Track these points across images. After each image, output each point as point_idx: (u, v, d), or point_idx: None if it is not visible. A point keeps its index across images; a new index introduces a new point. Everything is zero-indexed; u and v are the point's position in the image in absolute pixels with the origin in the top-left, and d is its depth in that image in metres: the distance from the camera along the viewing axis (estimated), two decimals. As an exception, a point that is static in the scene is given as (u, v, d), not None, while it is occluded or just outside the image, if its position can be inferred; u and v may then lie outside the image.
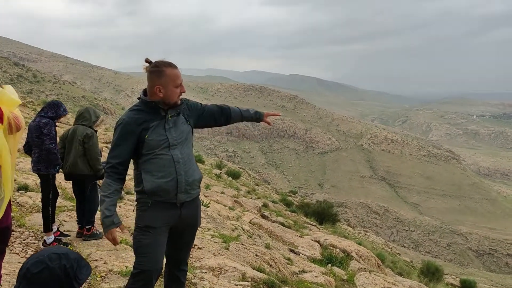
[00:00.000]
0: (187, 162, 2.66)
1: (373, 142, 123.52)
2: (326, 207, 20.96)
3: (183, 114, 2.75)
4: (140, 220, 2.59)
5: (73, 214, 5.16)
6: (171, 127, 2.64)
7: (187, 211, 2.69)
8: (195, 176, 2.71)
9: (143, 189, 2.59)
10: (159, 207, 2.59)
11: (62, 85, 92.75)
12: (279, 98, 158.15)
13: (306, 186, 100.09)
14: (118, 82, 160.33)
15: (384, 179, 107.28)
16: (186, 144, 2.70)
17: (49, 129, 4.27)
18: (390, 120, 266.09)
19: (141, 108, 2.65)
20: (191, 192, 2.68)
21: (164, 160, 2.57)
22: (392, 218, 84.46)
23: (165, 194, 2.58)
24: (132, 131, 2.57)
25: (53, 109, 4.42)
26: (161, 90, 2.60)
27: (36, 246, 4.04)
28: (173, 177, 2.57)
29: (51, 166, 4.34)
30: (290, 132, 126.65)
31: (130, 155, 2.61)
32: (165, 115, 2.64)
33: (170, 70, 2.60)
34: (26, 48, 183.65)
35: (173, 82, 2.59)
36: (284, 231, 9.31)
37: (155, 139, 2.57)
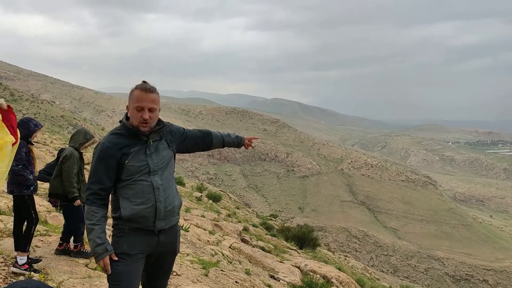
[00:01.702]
0: (167, 189, 2.58)
1: (354, 166, 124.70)
2: (307, 231, 20.92)
3: (165, 139, 2.67)
4: (116, 247, 2.49)
5: (46, 239, 4.97)
6: (152, 153, 2.56)
7: (165, 238, 2.60)
8: (175, 203, 2.63)
9: (120, 216, 2.50)
10: (136, 234, 2.51)
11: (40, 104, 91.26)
12: (261, 121, 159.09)
13: (286, 210, 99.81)
14: (99, 102, 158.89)
15: (363, 203, 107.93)
16: (167, 170, 2.62)
17: (18, 150, 4.12)
18: (370, 145, 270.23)
19: (122, 132, 2.57)
20: (169, 219, 2.60)
21: (143, 186, 2.49)
22: (371, 243, 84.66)
23: (144, 221, 2.49)
24: (112, 155, 2.48)
25: (23, 127, 4.28)
26: (128, 111, 2.57)
27: (6, 273, 3.84)
28: (151, 204, 2.49)
29: (24, 187, 4.25)
30: (272, 155, 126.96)
31: (111, 181, 2.52)
32: (146, 140, 2.56)
33: (136, 92, 2.50)
34: (4, 66, 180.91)
35: (134, 104, 2.49)
36: (264, 256, 9.18)
37: (135, 164, 2.50)
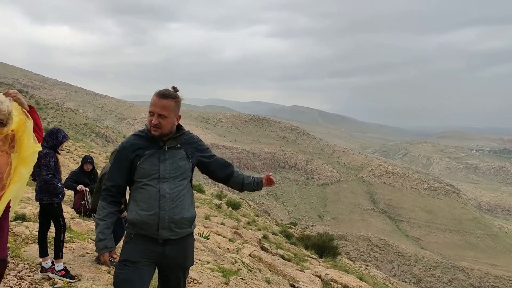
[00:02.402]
0: (176, 199, 2.52)
1: (374, 174, 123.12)
2: (327, 240, 20.69)
3: (186, 149, 2.63)
4: (121, 253, 2.51)
5: (70, 246, 5.05)
6: (166, 159, 2.54)
7: (171, 250, 2.54)
8: (184, 214, 2.55)
9: (128, 218, 2.55)
10: (141, 241, 2.49)
11: (65, 112, 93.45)
12: (280, 129, 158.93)
13: (306, 218, 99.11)
14: (121, 110, 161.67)
15: (385, 212, 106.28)
16: (181, 180, 2.57)
17: (48, 160, 4.29)
18: (390, 152, 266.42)
19: (142, 134, 2.60)
20: (176, 230, 2.52)
21: (150, 192, 2.47)
22: (393, 252, 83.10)
23: (147, 228, 2.48)
24: (126, 156, 2.53)
25: (52, 137, 4.41)
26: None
27: (31, 279, 3.90)
28: (155, 211, 2.46)
29: (53, 195, 4.34)
30: (291, 163, 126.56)
31: (123, 179, 2.55)
32: (162, 145, 2.56)
33: (153, 97, 2.53)
34: (31, 75, 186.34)
35: (149, 108, 2.53)
36: (284, 265, 9.11)
37: (146, 167, 2.50)
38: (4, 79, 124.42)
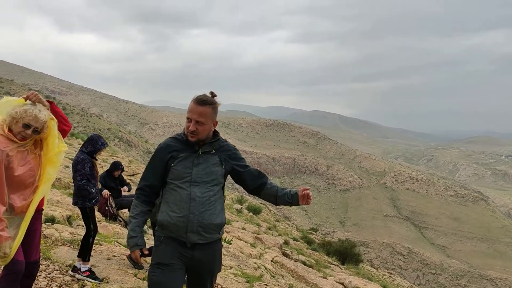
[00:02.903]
0: (206, 204, 2.53)
1: (397, 180, 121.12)
2: (349, 246, 20.43)
3: (220, 155, 2.65)
4: (153, 256, 2.56)
5: (97, 248, 5.15)
6: (199, 163, 2.57)
7: (200, 254, 2.56)
8: (213, 220, 2.55)
9: (157, 219, 2.58)
10: (171, 243, 2.53)
11: (89, 118, 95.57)
12: (301, 134, 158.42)
13: (327, 224, 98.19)
14: (143, 115, 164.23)
15: (408, 218, 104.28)
16: (211, 186, 2.58)
17: (83, 165, 4.44)
18: (414, 158, 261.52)
19: (179, 137, 2.65)
20: (204, 235, 2.53)
21: (181, 194, 2.51)
22: (418, 260, 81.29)
23: (175, 230, 2.51)
24: (161, 157, 2.60)
25: (91, 143, 4.57)
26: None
27: (62, 281, 4.00)
28: (184, 214, 2.48)
29: (87, 200, 4.46)
30: (312, 168, 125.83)
31: (157, 180, 2.61)
32: (197, 149, 2.59)
33: (190, 103, 2.56)
34: (58, 82, 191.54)
35: (186, 114, 2.56)
36: (307, 271, 9.04)
37: (179, 170, 2.54)
38: (33, 85, 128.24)
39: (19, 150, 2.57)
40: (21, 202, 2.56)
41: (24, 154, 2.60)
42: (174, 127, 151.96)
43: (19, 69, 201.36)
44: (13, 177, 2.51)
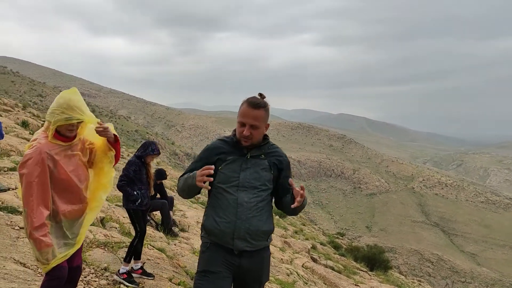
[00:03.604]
0: (253, 209, 2.42)
1: (426, 185, 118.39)
2: (377, 252, 20.11)
3: (269, 160, 2.53)
4: (200, 264, 2.48)
5: (132, 251, 5.13)
6: (248, 168, 2.47)
7: (248, 262, 2.45)
8: (261, 227, 2.44)
9: (203, 224, 2.52)
10: (217, 250, 2.44)
11: (118, 120, 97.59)
12: (327, 137, 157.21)
13: (353, 228, 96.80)
14: (170, 117, 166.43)
15: (437, 225, 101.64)
16: (259, 191, 2.46)
17: (128, 168, 4.52)
18: (443, 163, 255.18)
19: (228, 139, 2.57)
20: (252, 242, 2.43)
21: (228, 199, 2.42)
22: (447, 268, 79.11)
23: (222, 236, 2.42)
24: (208, 157, 2.53)
25: (143, 148, 4.64)
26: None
27: (98, 284, 3.97)
28: (231, 220, 2.39)
29: (129, 202, 4.50)
30: (338, 171, 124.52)
31: None
32: (246, 153, 2.50)
33: (243, 106, 2.46)
34: (87, 84, 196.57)
35: (238, 118, 2.46)
36: (338, 278, 8.83)
37: (226, 173, 2.46)
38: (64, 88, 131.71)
39: (66, 154, 2.54)
40: (67, 206, 2.52)
41: (71, 159, 2.57)
42: (200, 129, 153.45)
43: (51, 72, 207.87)
44: (58, 181, 2.47)
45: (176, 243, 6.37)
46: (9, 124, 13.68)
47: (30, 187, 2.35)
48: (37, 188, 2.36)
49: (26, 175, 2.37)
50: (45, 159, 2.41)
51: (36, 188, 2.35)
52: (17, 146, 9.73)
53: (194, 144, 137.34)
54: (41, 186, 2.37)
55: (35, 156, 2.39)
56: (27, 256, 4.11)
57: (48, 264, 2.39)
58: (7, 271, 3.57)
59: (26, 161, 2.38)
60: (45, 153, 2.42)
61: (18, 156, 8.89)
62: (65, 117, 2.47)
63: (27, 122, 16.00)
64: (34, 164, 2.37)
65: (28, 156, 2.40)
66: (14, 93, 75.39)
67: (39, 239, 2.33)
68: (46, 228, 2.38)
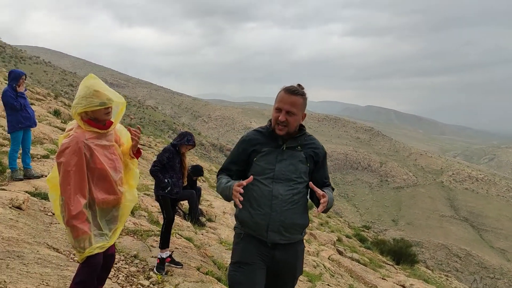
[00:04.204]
0: (289, 202, 2.37)
1: (455, 179, 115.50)
2: (404, 246, 19.80)
3: (306, 152, 2.47)
4: (233, 255, 2.46)
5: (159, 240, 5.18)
6: (283, 159, 2.42)
7: (282, 255, 2.42)
8: (296, 220, 2.40)
9: (237, 215, 2.49)
10: (251, 242, 2.41)
11: (145, 110, 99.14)
12: (354, 129, 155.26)
13: (379, 222, 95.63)
14: (196, 108, 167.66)
15: (466, 219, 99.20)
16: (295, 184, 2.41)
17: (162, 154, 4.57)
18: (474, 157, 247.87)
19: (263, 130, 2.53)
20: (286, 235, 2.38)
21: (263, 190, 2.37)
22: (475, 263, 77.29)
23: (256, 228, 2.39)
24: (244, 149, 2.51)
25: (179, 137, 4.68)
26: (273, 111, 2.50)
27: (128, 271, 4.02)
28: (266, 212, 2.35)
29: (159, 188, 4.54)
30: (364, 164, 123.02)
31: (237, 171, 2.55)
32: (281, 144, 2.45)
33: (280, 93, 2.42)
34: (117, 74, 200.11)
35: (275, 104, 2.41)
36: (365, 271, 8.72)
37: (261, 165, 2.42)
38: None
39: (102, 143, 2.56)
40: (103, 195, 2.53)
41: (108, 149, 2.60)
42: (226, 120, 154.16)
43: (81, 62, 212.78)
44: (94, 170, 2.49)
45: (203, 233, 6.41)
46: (42, 113, 14.06)
47: (68, 175, 2.37)
48: (74, 176, 2.38)
49: (63, 164, 2.39)
50: (82, 148, 2.43)
51: (73, 177, 2.38)
52: (49, 134, 9.98)
53: (220, 135, 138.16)
54: (78, 175, 2.40)
55: (72, 145, 2.41)
56: (60, 242, 4.21)
57: (83, 252, 2.41)
58: (40, 256, 3.66)
59: (64, 150, 2.41)
60: (82, 142, 2.44)
61: (51, 144, 9.12)
62: (98, 102, 2.48)
63: (59, 111, 16.41)
64: (71, 153, 2.40)
65: (66, 145, 2.42)
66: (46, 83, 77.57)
67: (76, 227, 2.36)
68: (84, 216, 2.40)
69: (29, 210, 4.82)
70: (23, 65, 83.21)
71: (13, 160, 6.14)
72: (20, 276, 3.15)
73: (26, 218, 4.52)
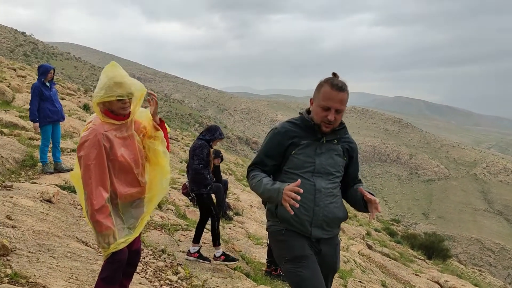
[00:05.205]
0: (331, 196, 2.30)
1: (489, 172, 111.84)
2: (436, 240, 19.42)
3: (343, 145, 2.40)
4: (286, 251, 2.29)
5: (188, 234, 5.14)
6: (322, 153, 2.32)
7: (326, 249, 2.34)
8: (338, 214, 2.33)
9: (275, 212, 2.32)
10: (297, 236, 2.28)
11: (172, 103, 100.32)
12: (382, 120, 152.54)
13: (409, 215, 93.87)
14: (222, 101, 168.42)
15: (501, 213, 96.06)
16: (334, 177, 2.34)
17: (201, 150, 4.49)
18: (510, 148, 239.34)
19: (298, 122, 2.39)
20: (327, 230, 2.32)
21: (305, 184, 2.23)
22: (510, 258, 74.95)
23: (299, 225, 2.27)
24: (280, 142, 2.35)
25: (210, 132, 4.63)
26: (312, 104, 2.36)
27: (156, 266, 4.00)
28: (309, 206, 2.24)
29: (202, 186, 4.49)
30: (393, 156, 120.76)
31: (271, 162, 2.38)
32: (320, 137, 2.33)
33: (326, 88, 2.25)
34: (144, 69, 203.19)
35: (320, 101, 2.26)
36: (397, 267, 8.49)
37: (300, 158, 2.30)
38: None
39: (121, 134, 2.48)
40: (125, 188, 2.46)
41: (127, 140, 2.52)
42: (252, 113, 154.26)
43: (109, 57, 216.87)
44: (115, 161, 2.43)
45: (231, 227, 6.36)
46: (72, 107, 14.36)
47: (88, 169, 2.32)
48: (95, 170, 2.32)
49: (83, 158, 2.34)
50: (100, 140, 2.36)
51: (94, 170, 2.32)
52: (79, 128, 10.17)
53: (246, 128, 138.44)
54: (99, 168, 2.34)
55: (91, 138, 2.35)
56: (89, 235, 4.22)
57: (109, 247, 2.35)
58: (70, 249, 3.67)
59: (83, 144, 2.35)
60: (101, 134, 2.37)
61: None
62: (117, 94, 2.39)
63: (88, 106, 16.73)
64: (90, 146, 2.33)
65: (84, 138, 2.36)
66: (76, 78, 79.62)
67: (100, 222, 2.30)
68: (107, 211, 2.34)
69: (59, 203, 4.86)
70: (54, 61, 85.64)
71: (44, 154, 6.25)
72: (50, 270, 3.15)
73: (56, 212, 4.56)
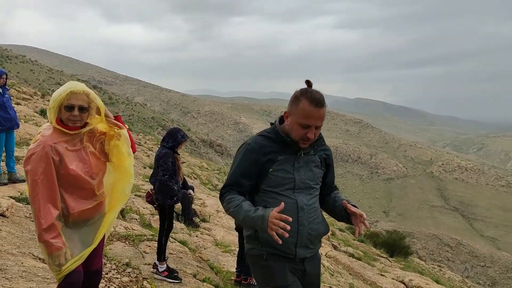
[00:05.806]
0: (313, 212, 2.18)
1: (445, 169, 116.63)
2: (397, 238, 19.94)
3: (320, 155, 2.26)
4: (269, 281, 2.13)
5: (153, 245, 4.95)
6: (301, 166, 2.17)
7: (310, 268, 2.23)
8: (321, 230, 2.23)
9: (256, 235, 2.14)
10: (279, 260, 2.13)
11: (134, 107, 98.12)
12: (343, 122, 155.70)
13: (370, 213, 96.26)
14: (185, 104, 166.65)
15: (457, 209, 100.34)
16: (314, 191, 2.22)
17: (165, 160, 4.24)
18: (463, 147, 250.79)
19: (271, 135, 2.21)
20: (311, 248, 2.20)
21: (287, 204, 2.00)
22: (466, 252, 78.18)
23: (282, 247, 2.09)
24: (256, 160, 2.15)
25: (172, 137, 4.35)
26: (287, 118, 2.18)
27: (120, 282, 3.79)
28: (294, 227, 2.05)
29: (168, 197, 4.27)
30: (354, 156, 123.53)
31: (249, 186, 2.18)
32: (297, 150, 2.17)
33: (304, 104, 2.05)
34: (104, 72, 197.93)
35: (299, 119, 2.08)
36: (363, 267, 8.62)
37: (279, 175, 2.13)
38: (81, 76, 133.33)
39: (73, 146, 2.27)
40: (79, 204, 2.26)
41: (80, 151, 2.30)
42: (216, 116, 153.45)
43: (68, 60, 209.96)
44: (66, 176, 2.21)
45: (198, 235, 6.21)
46: (28, 113, 13.70)
47: (36, 185, 2.11)
48: (43, 186, 2.11)
49: (30, 172, 2.13)
50: (49, 153, 2.16)
51: (42, 186, 2.11)
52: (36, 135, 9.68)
53: (210, 131, 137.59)
54: (47, 184, 2.13)
55: (38, 151, 2.15)
56: (47, 251, 3.97)
57: (60, 270, 2.14)
58: (25, 268, 3.42)
59: (30, 157, 2.15)
60: (49, 147, 2.17)
61: (37, 146, 8.81)
62: (65, 106, 2.22)
63: (46, 111, 16.04)
64: (37, 159, 2.13)
65: (31, 151, 2.16)
66: (33, 82, 76.28)
67: (49, 242, 2.09)
68: (56, 230, 2.13)
69: (14, 217, 4.56)
70: (9, 64, 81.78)
71: (-4, 164, 5.88)
72: (2, 293, 2.92)
73: (11, 226, 4.26)
